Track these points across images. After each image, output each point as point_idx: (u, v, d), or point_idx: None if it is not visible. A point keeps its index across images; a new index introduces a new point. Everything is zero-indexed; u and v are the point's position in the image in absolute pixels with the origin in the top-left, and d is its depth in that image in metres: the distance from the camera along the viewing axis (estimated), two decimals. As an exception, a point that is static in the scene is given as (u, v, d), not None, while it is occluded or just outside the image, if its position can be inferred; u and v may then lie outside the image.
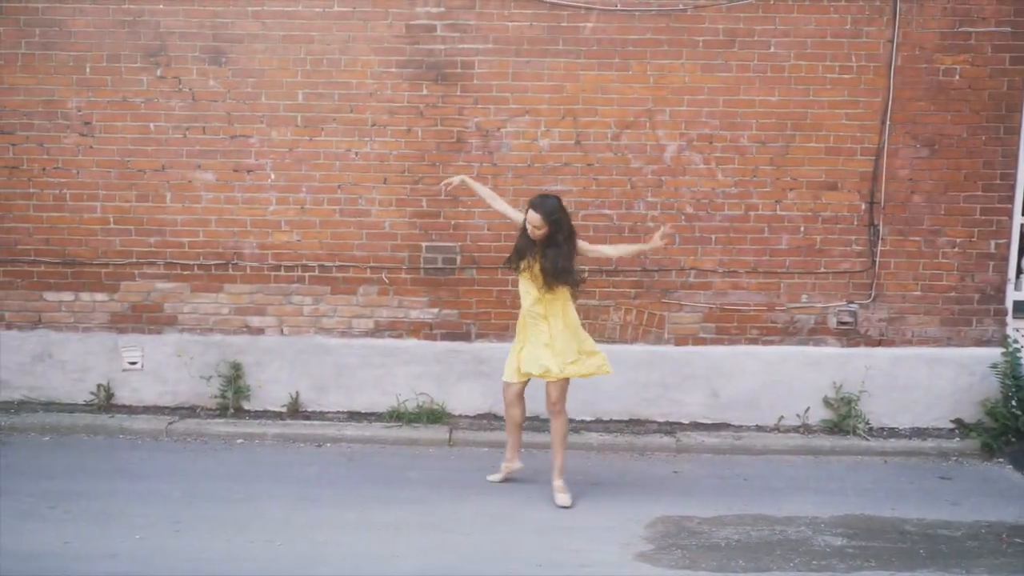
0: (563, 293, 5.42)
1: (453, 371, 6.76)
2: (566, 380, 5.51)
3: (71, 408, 6.82)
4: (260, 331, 6.78)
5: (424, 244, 6.68)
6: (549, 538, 4.95)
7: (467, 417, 6.80)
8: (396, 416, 6.70)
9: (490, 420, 6.77)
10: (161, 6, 6.51)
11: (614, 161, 6.59)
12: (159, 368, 6.81)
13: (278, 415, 6.78)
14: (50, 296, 6.80)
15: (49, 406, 6.84)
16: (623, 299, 6.70)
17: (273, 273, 6.73)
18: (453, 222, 6.65)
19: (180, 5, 6.50)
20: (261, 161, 6.64)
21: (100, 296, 6.78)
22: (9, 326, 6.81)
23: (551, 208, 5.28)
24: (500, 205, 5.70)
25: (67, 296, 6.79)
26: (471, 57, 6.51)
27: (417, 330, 6.76)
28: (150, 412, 6.81)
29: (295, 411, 6.80)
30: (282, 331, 6.79)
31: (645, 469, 6.17)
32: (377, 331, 6.77)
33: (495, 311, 6.72)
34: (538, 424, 6.62)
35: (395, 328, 6.76)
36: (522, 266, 5.41)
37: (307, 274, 6.73)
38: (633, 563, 4.67)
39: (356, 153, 6.62)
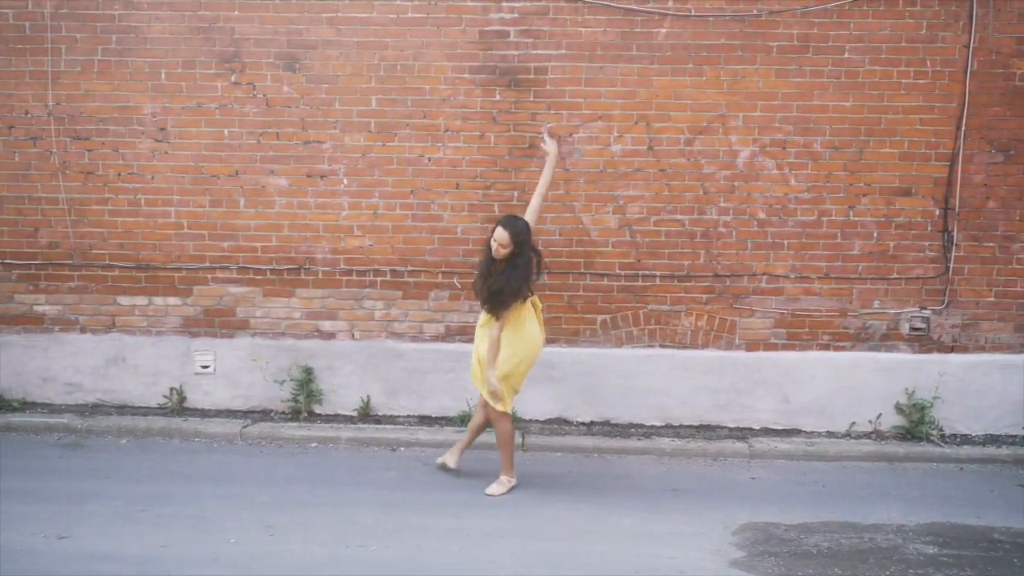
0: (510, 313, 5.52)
1: (524, 376, 6.78)
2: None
3: (144, 411, 6.88)
4: (332, 335, 6.82)
5: (496, 249, 6.71)
6: (641, 545, 4.95)
7: (537, 422, 6.82)
8: (467, 420, 6.70)
9: (561, 424, 6.80)
10: (236, 12, 6.55)
11: (687, 166, 6.59)
12: (231, 372, 6.85)
13: (349, 419, 6.81)
14: (124, 300, 6.86)
15: (123, 409, 6.90)
16: (695, 304, 6.70)
17: (345, 278, 6.76)
18: (525, 227, 6.68)
19: (255, 11, 6.54)
20: (334, 166, 6.68)
21: (173, 300, 6.83)
22: (83, 330, 6.88)
23: (520, 229, 5.40)
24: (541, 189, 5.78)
25: (141, 300, 6.84)
26: (544, 63, 6.52)
27: (488, 335, 6.79)
28: (222, 415, 6.86)
29: (366, 415, 6.83)
30: (353, 335, 6.82)
31: (721, 475, 6.18)
32: (448, 336, 6.80)
33: (565, 316, 6.73)
34: (609, 429, 6.67)
35: (466, 333, 6.77)
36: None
37: (379, 279, 6.76)
38: (729, 570, 4.68)
39: (429, 159, 6.65)
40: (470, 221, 6.67)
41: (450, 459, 5.95)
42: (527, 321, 5.57)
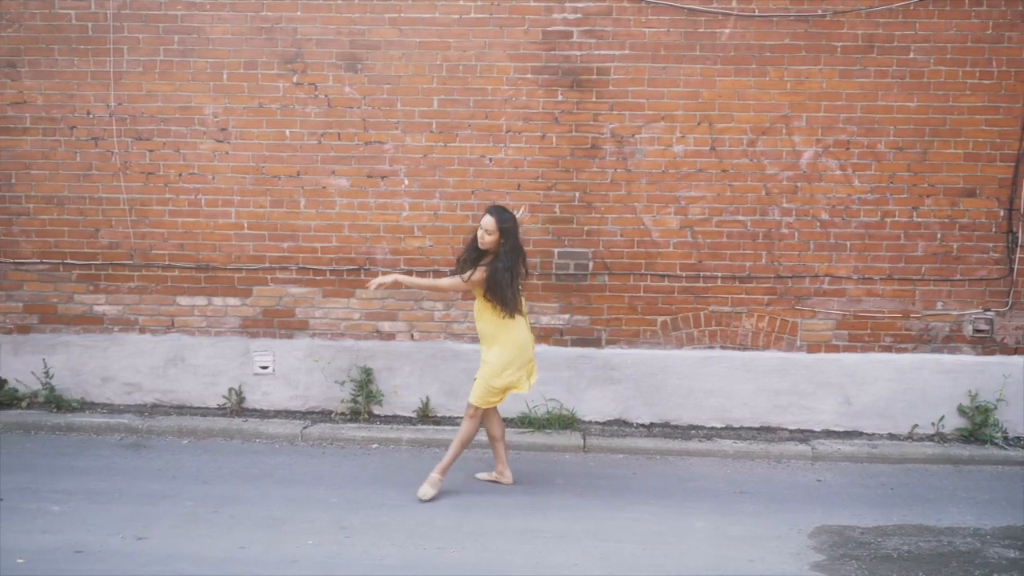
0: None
1: (583, 377, 6.76)
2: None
3: (203, 412, 6.89)
4: (391, 336, 6.81)
5: (556, 250, 6.68)
6: (719, 548, 4.92)
7: (597, 423, 6.79)
8: (527, 422, 6.70)
9: (621, 426, 6.77)
10: (299, 13, 6.55)
11: (749, 167, 6.56)
12: (290, 372, 6.85)
13: (408, 420, 6.80)
14: (183, 300, 6.87)
15: (182, 409, 6.91)
16: (756, 306, 6.67)
17: (405, 278, 6.76)
18: (586, 228, 6.65)
19: (317, 12, 6.55)
20: (395, 167, 6.67)
21: (233, 301, 6.84)
22: (143, 330, 6.89)
23: (507, 217, 5.39)
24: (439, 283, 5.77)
25: (200, 301, 6.85)
26: (607, 63, 6.50)
27: (547, 336, 6.76)
28: (281, 416, 6.86)
29: (425, 416, 6.82)
30: (412, 336, 6.81)
31: (786, 477, 6.14)
32: (507, 337, 6.79)
33: (626, 317, 6.71)
34: (669, 431, 6.67)
35: (525, 334, 6.77)
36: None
37: (439, 279, 6.76)
38: (812, 573, 4.64)
39: (490, 159, 6.63)
40: (531, 222, 6.64)
41: (503, 476, 5.88)
42: (517, 325, 5.54)
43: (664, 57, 6.49)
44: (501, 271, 5.37)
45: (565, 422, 6.69)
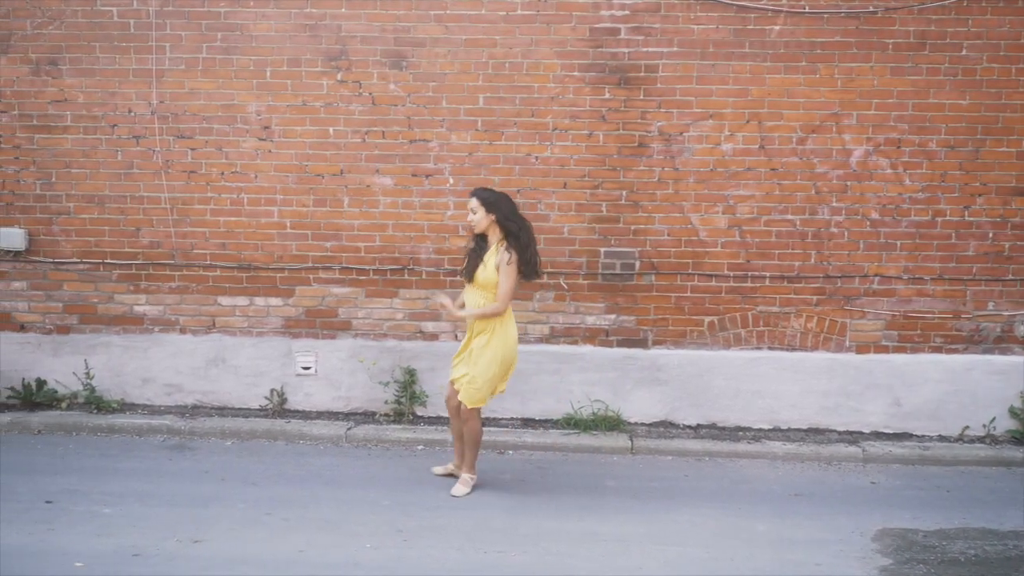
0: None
1: (629, 378, 6.68)
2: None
3: (245, 413, 6.82)
4: (434, 336, 6.74)
5: (603, 249, 6.61)
6: (784, 552, 4.84)
7: (643, 425, 6.72)
8: (572, 423, 6.63)
9: (667, 428, 6.70)
10: (343, 10, 6.49)
11: (799, 166, 6.49)
12: (332, 373, 6.78)
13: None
14: (225, 301, 6.80)
15: (223, 411, 6.84)
16: (805, 306, 6.60)
17: (449, 278, 6.67)
18: (633, 227, 6.58)
19: (362, 9, 6.48)
20: (440, 165, 6.60)
21: (275, 301, 6.77)
22: (183, 331, 6.82)
23: (489, 195, 5.37)
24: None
25: (242, 301, 6.79)
26: (655, 60, 6.43)
27: (593, 336, 6.69)
28: (323, 417, 6.79)
29: (469, 417, 6.76)
30: (456, 336, 6.73)
31: (839, 479, 6.06)
32: (552, 337, 6.71)
33: (673, 317, 6.64)
34: (716, 432, 6.58)
35: (571, 334, 6.69)
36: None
37: (484, 279, 6.69)
38: (882, 578, 4.59)
39: (536, 158, 6.56)
40: (577, 221, 6.58)
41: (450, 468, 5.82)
42: (512, 321, 5.51)
43: (713, 54, 6.42)
44: (521, 235, 5.33)
45: (611, 423, 6.62)
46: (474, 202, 5.36)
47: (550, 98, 6.50)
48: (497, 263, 5.33)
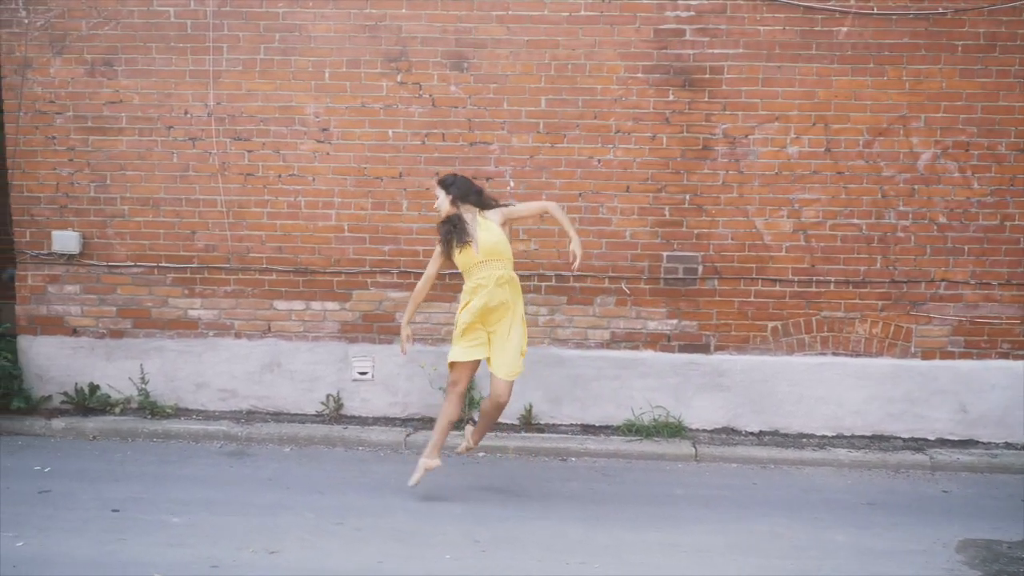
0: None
1: (691, 384, 6.59)
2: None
3: (301, 418, 6.74)
4: (493, 342, 6.65)
5: (665, 254, 6.52)
6: (869, 564, 4.73)
7: (705, 431, 6.62)
8: (633, 430, 6.54)
9: (729, 434, 6.61)
10: (404, 10, 6.40)
11: (865, 169, 6.39)
12: (389, 378, 6.70)
13: (511, 427, 6.65)
14: (280, 305, 6.71)
15: (278, 416, 6.76)
16: (870, 311, 6.50)
17: (508, 283, 6.60)
18: (696, 231, 6.49)
19: (423, 9, 6.39)
20: (501, 168, 6.51)
21: (331, 305, 6.68)
22: (238, 335, 6.74)
23: (447, 179, 5.39)
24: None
25: (298, 305, 6.70)
26: (720, 62, 6.34)
27: (654, 341, 6.60)
28: (380, 423, 6.70)
29: (528, 423, 6.66)
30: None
31: (910, 488, 5.97)
32: (613, 342, 6.62)
33: (736, 323, 6.54)
34: (779, 439, 6.49)
35: (632, 339, 6.60)
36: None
37: (543, 284, 6.59)
38: (976, 592, 4.50)
39: (599, 160, 6.47)
40: (640, 225, 6.49)
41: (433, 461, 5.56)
42: None
43: (779, 56, 6.32)
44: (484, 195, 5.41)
45: (672, 430, 6.53)
46: (437, 189, 5.41)
47: (613, 100, 6.41)
48: (502, 221, 5.35)
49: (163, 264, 6.70)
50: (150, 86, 6.55)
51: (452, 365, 5.43)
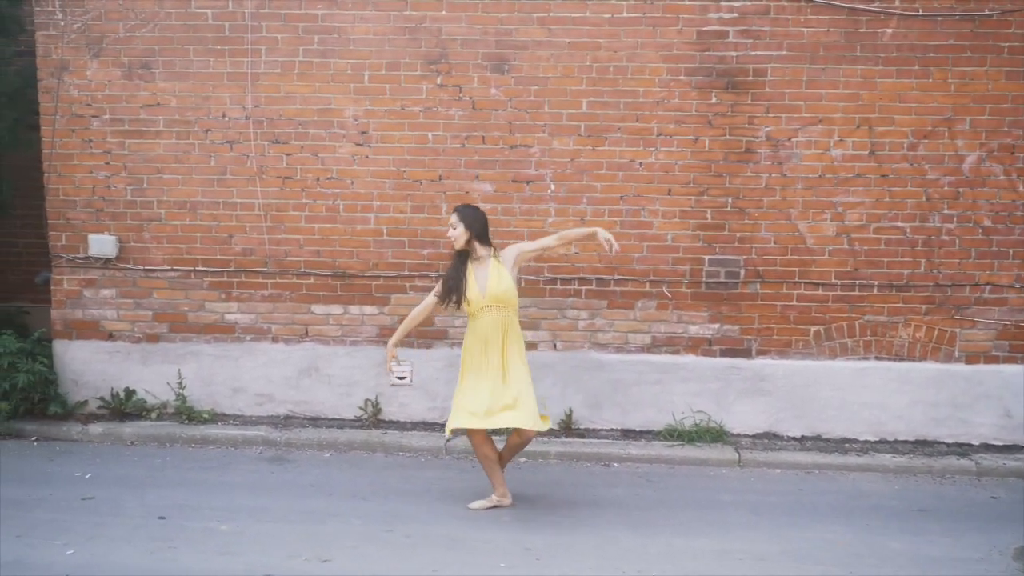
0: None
1: (732, 388, 6.54)
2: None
3: (339, 423, 6.69)
4: (533, 346, 6.57)
5: (707, 257, 6.47)
6: (928, 571, 4.67)
7: (747, 436, 6.57)
8: (674, 435, 6.49)
9: (771, 439, 6.55)
10: (443, 12, 6.35)
11: (909, 172, 6.34)
12: (428, 383, 6.64)
13: (551, 432, 6.55)
14: (318, 309, 6.66)
15: (316, 421, 6.71)
16: (913, 315, 6.44)
17: (548, 287, 6.54)
18: (738, 235, 6.43)
19: (463, 11, 6.34)
20: (541, 171, 6.46)
21: (369, 309, 6.63)
22: (275, 339, 6.69)
23: (470, 212, 5.21)
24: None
25: (336, 309, 6.65)
26: (764, 64, 6.28)
27: (695, 346, 6.55)
28: (419, 428, 6.65)
29: (568, 428, 6.61)
30: (555, 346, 6.60)
31: (958, 494, 5.90)
32: (654, 346, 6.57)
33: (778, 327, 6.49)
34: (822, 444, 6.47)
35: (672, 344, 6.55)
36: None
37: (584, 288, 6.54)
38: (1039, 601, 4.44)
39: (640, 163, 6.42)
40: (681, 228, 6.44)
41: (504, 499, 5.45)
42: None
43: (823, 58, 6.27)
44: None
45: (714, 435, 6.47)
46: (453, 218, 5.21)
47: (655, 102, 6.35)
48: (514, 262, 5.26)
49: (200, 268, 6.65)
50: (188, 89, 6.51)
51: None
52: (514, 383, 5.16)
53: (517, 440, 5.38)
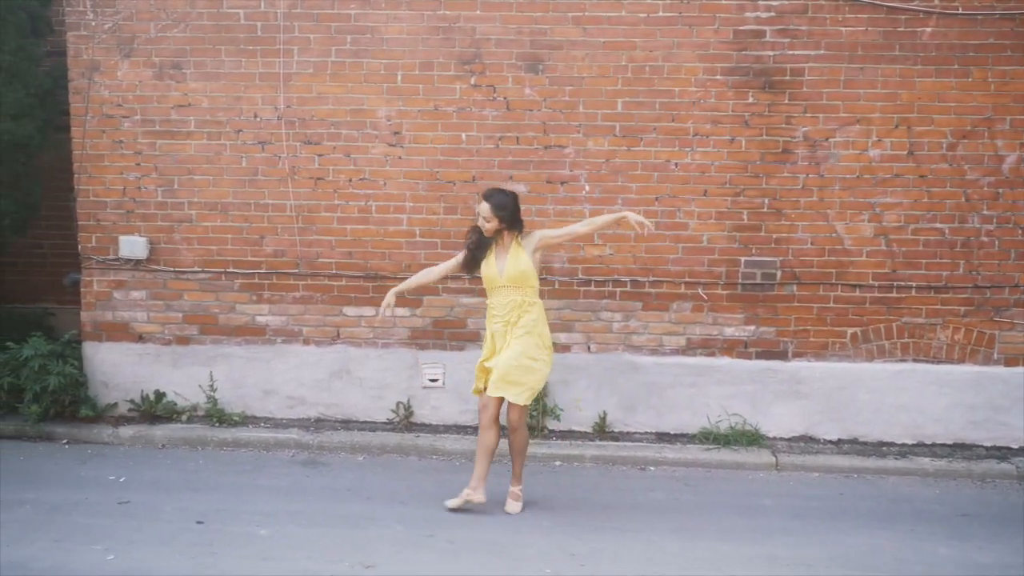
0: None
1: (768, 391, 6.47)
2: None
3: (371, 426, 6.63)
4: (566, 348, 6.52)
5: (743, 259, 6.40)
6: (978, 578, 4.66)
7: (783, 440, 6.50)
8: (709, 438, 6.42)
9: (808, 443, 6.48)
10: (478, 12, 6.29)
11: (948, 172, 6.27)
12: (460, 385, 6.57)
13: (585, 435, 6.53)
14: (350, 311, 6.61)
15: (348, 424, 6.66)
16: (952, 317, 6.37)
17: (583, 288, 6.48)
18: (775, 236, 6.36)
19: (497, 11, 6.28)
20: (575, 172, 6.40)
21: (401, 311, 6.56)
22: (307, 342, 6.63)
23: (501, 201, 5.13)
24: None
25: (368, 311, 6.59)
26: (801, 64, 6.22)
27: (731, 348, 6.48)
28: (452, 431, 6.60)
29: (602, 431, 6.55)
30: (589, 348, 6.54)
31: (1000, 498, 5.83)
32: (689, 349, 6.50)
33: (814, 329, 6.42)
34: (859, 447, 6.39)
35: (708, 346, 6.48)
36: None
37: (618, 289, 6.48)
38: (1094, 609, 4.37)
39: (676, 164, 6.36)
40: (717, 229, 6.38)
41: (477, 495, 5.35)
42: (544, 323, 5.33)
43: (861, 57, 6.20)
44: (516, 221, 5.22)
45: (750, 438, 6.41)
46: (486, 210, 5.13)
47: (691, 103, 6.29)
48: (535, 248, 5.21)
49: (230, 270, 6.60)
50: (219, 89, 6.45)
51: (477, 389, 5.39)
52: (506, 353, 5.18)
53: (512, 439, 5.38)
